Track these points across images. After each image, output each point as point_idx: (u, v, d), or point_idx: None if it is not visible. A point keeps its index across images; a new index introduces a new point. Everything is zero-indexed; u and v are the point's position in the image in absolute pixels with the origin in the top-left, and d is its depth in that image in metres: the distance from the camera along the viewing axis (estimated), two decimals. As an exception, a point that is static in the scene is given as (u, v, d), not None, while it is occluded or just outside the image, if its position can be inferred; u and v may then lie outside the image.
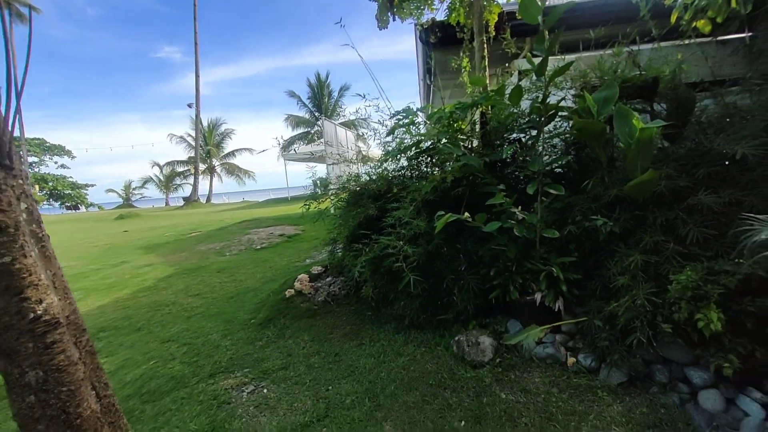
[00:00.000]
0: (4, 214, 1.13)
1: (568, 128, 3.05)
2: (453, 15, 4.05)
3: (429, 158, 3.67)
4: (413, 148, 3.60)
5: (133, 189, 37.28)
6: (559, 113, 2.81)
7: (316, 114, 31.66)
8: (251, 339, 3.25)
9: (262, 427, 2.11)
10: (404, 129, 3.67)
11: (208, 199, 30.72)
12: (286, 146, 33.19)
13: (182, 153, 34.49)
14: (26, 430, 1.25)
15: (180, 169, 34.83)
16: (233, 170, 34.19)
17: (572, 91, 3.11)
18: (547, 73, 2.56)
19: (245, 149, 34.07)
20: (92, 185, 38.22)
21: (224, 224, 10.84)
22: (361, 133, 15.73)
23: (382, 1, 4.09)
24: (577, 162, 2.97)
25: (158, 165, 35.29)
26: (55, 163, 35.94)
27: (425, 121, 3.81)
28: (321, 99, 30.35)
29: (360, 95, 3.93)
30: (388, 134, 3.77)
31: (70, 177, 36.22)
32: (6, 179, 1.15)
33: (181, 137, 32.32)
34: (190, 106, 25.31)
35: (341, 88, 30.98)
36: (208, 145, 32.70)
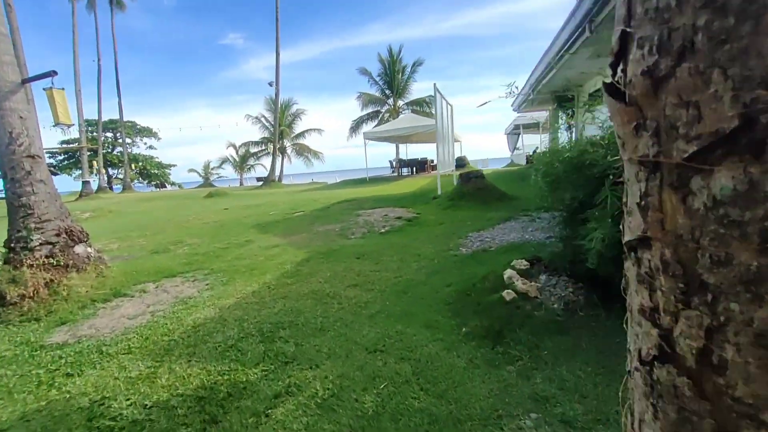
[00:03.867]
0: None
1: None
2: None
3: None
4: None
5: (212, 169, 39.58)
6: None
7: (387, 92, 30.64)
8: (489, 359, 2.40)
9: None
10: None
11: (279, 179, 31.52)
12: (354, 127, 32.76)
13: (254, 134, 35.68)
14: None
15: (253, 149, 36.12)
16: (302, 151, 34.67)
17: None
18: None
19: (314, 130, 34.27)
20: (174, 165, 41.24)
21: (323, 204, 10.39)
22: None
23: None
24: None
25: (233, 146, 36.92)
26: (144, 143, 39.14)
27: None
28: (393, 76, 29.15)
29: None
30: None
31: (156, 158, 39.33)
32: None
33: (255, 118, 33.27)
34: (270, 84, 25.59)
35: (414, 63, 29.55)
36: (281, 125, 33.36)
